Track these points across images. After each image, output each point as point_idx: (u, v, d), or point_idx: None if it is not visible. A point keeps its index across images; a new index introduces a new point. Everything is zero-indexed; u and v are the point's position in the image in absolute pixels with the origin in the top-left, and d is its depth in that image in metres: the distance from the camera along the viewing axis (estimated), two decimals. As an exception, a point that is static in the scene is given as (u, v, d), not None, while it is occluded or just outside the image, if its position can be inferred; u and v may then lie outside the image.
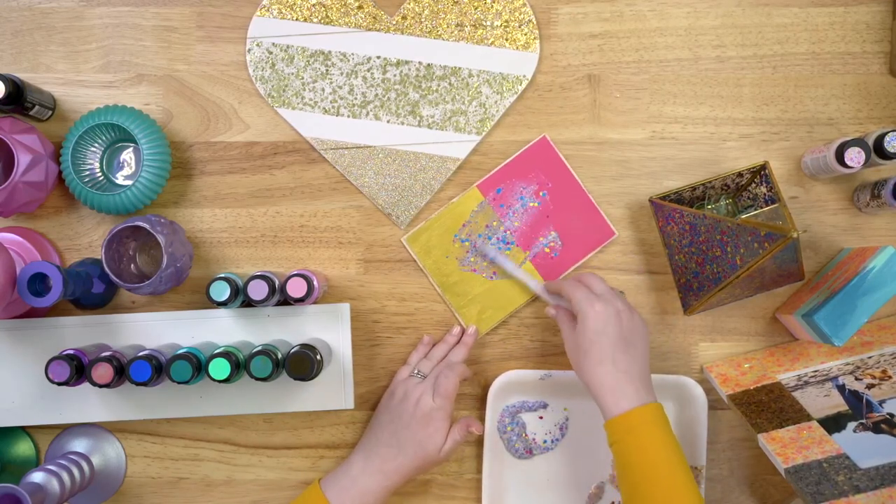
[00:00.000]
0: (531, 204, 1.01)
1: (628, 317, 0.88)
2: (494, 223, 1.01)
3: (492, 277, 1.01)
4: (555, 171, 1.01)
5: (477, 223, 1.01)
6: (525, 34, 1.01)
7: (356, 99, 1.02)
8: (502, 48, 1.01)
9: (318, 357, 0.90)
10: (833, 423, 0.91)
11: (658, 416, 0.85)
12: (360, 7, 1.02)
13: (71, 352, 0.89)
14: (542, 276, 1.01)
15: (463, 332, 1.01)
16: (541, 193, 1.01)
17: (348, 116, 1.02)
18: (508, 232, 1.01)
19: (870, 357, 0.95)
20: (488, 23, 1.01)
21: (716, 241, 0.92)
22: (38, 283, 0.87)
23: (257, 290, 0.90)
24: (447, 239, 1.01)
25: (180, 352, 0.89)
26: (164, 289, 0.93)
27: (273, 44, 1.02)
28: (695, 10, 1.02)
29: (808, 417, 0.92)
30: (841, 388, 0.94)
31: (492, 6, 1.01)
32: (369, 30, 1.02)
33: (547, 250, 1.01)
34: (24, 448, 1.01)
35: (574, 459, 1.01)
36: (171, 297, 1.02)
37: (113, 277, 0.91)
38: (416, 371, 0.97)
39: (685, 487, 0.82)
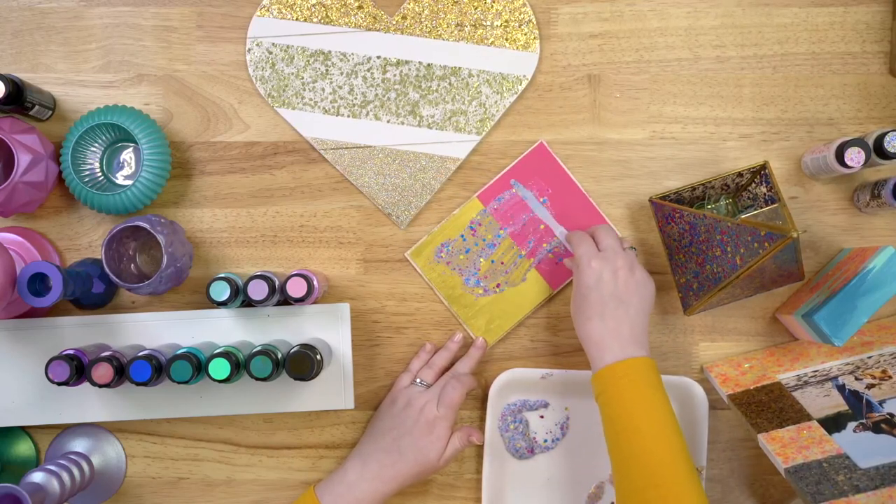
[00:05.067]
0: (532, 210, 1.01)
1: (626, 275, 0.89)
2: (500, 231, 1.01)
3: (495, 292, 1.01)
4: (554, 176, 1.01)
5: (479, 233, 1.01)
6: (525, 34, 1.01)
7: (356, 99, 1.02)
8: (502, 48, 1.01)
9: (318, 357, 0.90)
10: (833, 423, 0.91)
11: (643, 370, 0.84)
12: (360, 7, 1.01)
13: (71, 352, 0.89)
14: (547, 282, 1.01)
15: (463, 338, 1.00)
16: (541, 199, 1.01)
17: (348, 116, 1.02)
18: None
19: (870, 357, 0.95)
20: (488, 23, 1.01)
21: (716, 241, 0.92)
22: (38, 283, 0.87)
23: (257, 290, 0.90)
24: None
25: (180, 352, 0.89)
26: (164, 289, 0.93)
27: (273, 44, 1.02)
28: (695, 10, 1.02)
29: (808, 417, 0.92)
30: (841, 388, 0.94)
31: (492, 6, 1.01)
32: (369, 30, 1.02)
33: (551, 256, 1.01)
34: (24, 448, 1.01)
35: (574, 459, 1.01)
36: (171, 297, 1.02)
37: (113, 277, 0.91)
38: (418, 380, 0.97)
39: (667, 437, 0.82)
